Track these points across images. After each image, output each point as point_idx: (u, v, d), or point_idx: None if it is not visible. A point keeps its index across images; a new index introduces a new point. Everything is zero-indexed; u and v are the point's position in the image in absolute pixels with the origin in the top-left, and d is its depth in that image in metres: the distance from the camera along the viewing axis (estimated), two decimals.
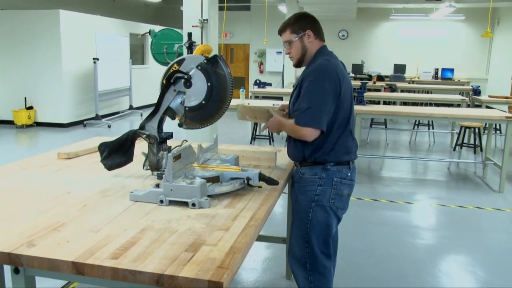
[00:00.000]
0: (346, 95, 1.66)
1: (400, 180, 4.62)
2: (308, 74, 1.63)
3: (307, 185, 1.68)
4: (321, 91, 1.58)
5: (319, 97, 1.58)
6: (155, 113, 1.63)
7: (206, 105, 1.59)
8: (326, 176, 1.67)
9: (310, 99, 1.58)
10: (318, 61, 1.67)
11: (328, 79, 1.59)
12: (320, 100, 1.58)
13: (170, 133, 1.71)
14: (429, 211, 3.66)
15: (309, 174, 1.69)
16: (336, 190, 1.67)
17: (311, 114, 1.57)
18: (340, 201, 1.69)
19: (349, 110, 1.69)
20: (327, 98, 1.59)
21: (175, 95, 1.61)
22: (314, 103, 1.58)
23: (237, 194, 1.55)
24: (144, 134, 1.64)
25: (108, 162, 1.70)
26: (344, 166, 1.69)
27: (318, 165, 1.68)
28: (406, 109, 4.99)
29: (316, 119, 1.58)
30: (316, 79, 1.59)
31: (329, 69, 1.62)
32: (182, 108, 1.62)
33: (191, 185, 1.41)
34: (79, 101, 8.02)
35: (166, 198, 1.42)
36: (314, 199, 1.67)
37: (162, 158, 1.63)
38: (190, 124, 1.65)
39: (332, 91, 1.59)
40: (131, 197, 1.47)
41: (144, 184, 1.67)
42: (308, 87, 1.60)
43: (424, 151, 6.18)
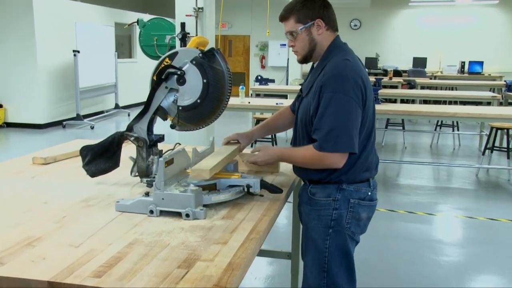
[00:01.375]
0: (370, 103, 1.56)
1: (420, 188, 4.63)
2: (328, 81, 1.48)
3: (320, 209, 1.60)
4: (347, 105, 1.45)
5: (345, 112, 1.45)
6: (144, 113, 1.64)
7: (202, 104, 1.60)
8: (341, 197, 1.58)
9: (335, 117, 1.45)
10: (335, 59, 1.53)
11: (352, 87, 1.46)
12: (347, 117, 1.46)
13: (162, 135, 1.72)
14: (454, 224, 3.65)
15: (322, 195, 1.60)
16: (352, 214, 1.58)
17: (337, 136, 1.45)
18: (357, 225, 1.60)
19: (372, 120, 1.58)
20: (356, 112, 1.47)
21: (166, 93, 1.62)
22: (341, 121, 1.45)
23: (236, 203, 1.56)
24: (132, 136, 1.66)
25: (91, 168, 1.71)
26: (363, 184, 1.60)
27: (332, 184, 1.59)
28: (427, 108, 5.00)
29: (345, 141, 1.46)
30: (339, 90, 1.45)
31: (352, 73, 1.48)
32: (175, 108, 1.63)
33: (184, 193, 1.42)
34: (57, 99, 8.04)
35: (157, 208, 1.43)
36: (330, 224, 1.58)
37: (152, 164, 1.64)
38: (183, 125, 1.66)
39: (358, 101, 1.48)
40: (117, 207, 1.48)
41: (132, 192, 1.68)
42: (330, 101, 1.46)
43: (447, 155, 6.19)
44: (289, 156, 1.63)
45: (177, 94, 1.62)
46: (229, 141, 1.88)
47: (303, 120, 1.60)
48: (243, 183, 1.56)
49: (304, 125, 1.59)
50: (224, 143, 1.87)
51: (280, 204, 1.58)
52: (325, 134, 1.47)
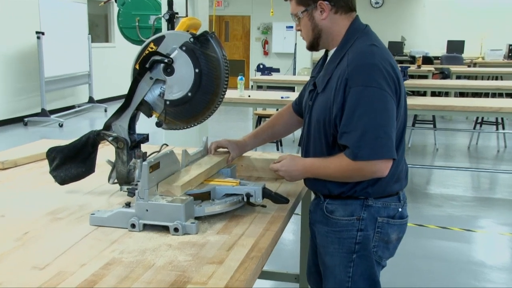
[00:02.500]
0: (403, 98, 1.54)
1: (455, 199, 4.63)
2: (354, 73, 1.46)
3: (341, 231, 1.59)
4: (382, 100, 1.44)
5: (380, 109, 1.44)
6: (125, 108, 1.66)
7: (193, 98, 1.62)
8: (367, 216, 1.56)
9: (369, 116, 1.43)
10: (358, 46, 1.51)
11: (385, 79, 1.44)
12: (383, 114, 1.44)
13: (146, 135, 1.74)
14: (499, 243, 3.65)
15: (343, 213, 1.58)
16: (380, 235, 1.58)
17: (374, 139, 1.43)
18: (385, 249, 1.60)
19: (404, 119, 1.57)
20: (392, 108, 1.46)
21: (151, 85, 1.64)
22: (377, 120, 1.43)
23: (233, 215, 1.57)
24: (110, 136, 1.67)
25: (60, 173, 1.73)
26: (392, 199, 1.59)
27: (355, 200, 1.57)
28: (464, 102, 5.01)
29: (385, 144, 1.44)
30: (370, 82, 1.43)
31: (382, 62, 1.46)
32: (162, 102, 1.64)
33: (172, 203, 1.43)
34: (16, 91, 8.05)
35: (140, 222, 1.44)
36: (354, 249, 1.57)
37: (134, 168, 1.66)
38: (172, 122, 1.67)
39: (393, 96, 1.47)
40: (92, 220, 1.49)
41: (110, 202, 1.70)
42: (360, 97, 1.44)
43: (490, 159, 6.19)
44: (320, 168, 1.57)
45: (164, 86, 1.64)
46: (218, 147, 1.90)
47: (320, 121, 1.57)
48: (242, 192, 1.57)
49: (322, 127, 1.57)
50: (213, 148, 1.89)
51: (286, 216, 1.60)
52: (358, 139, 1.44)
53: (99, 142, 1.73)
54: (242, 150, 1.93)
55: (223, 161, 1.83)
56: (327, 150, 1.58)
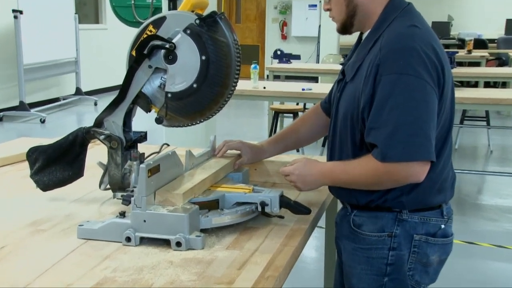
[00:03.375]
0: (448, 89, 1.52)
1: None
2: (387, 58, 1.45)
3: (370, 249, 1.59)
4: (420, 91, 1.43)
5: (418, 101, 1.42)
6: (119, 101, 1.68)
7: (199, 90, 1.63)
8: (401, 232, 1.55)
9: (402, 109, 1.42)
10: (396, 27, 1.51)
11: (425, 66, 1.43)
12: (421, 108, 1.42)
13: (143, 133, 1.76)
14: None
15: (371, 228, 1.58)
16: (417, 256, 1.56)
17: (409, 136, 1.41)
18: (424, 273, 1.58)
19: (450, 115, 1.56)
20: (432, 101, 1.44)
21: (150, 75, 1.66)
22: (413, 114, 1.42)
23: (246, 228, 1.59)
24: (102, 134, 1.70)
25: (42, 178, 1.76)
26: (433, 213, 1.57)
27: (386, 212, 1.57)
28: None
29: (422, 143, 1.41)
30: (406, 69, 1.42)
31: (423, 45, 1.45)
32: (162, 95, 1.67)
33: (175, 213, 1.45)
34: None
35: (136, 234, 1.46)
36: (385, 271, 1.57)
37: (129, 172, 1.68)
38: (174, 119, 1.69)
39: (434, 86, 1.45)
40: (80, 232, 1.52)
41: (101, 212, 1.73)
42: (394, 86, 1.43)
43: None
44: (341, 173, 1.57)
45: (165, 76, 1.66)
46: (229, 149, 1.92)
47: (347, 116, 1.58)
48: (255, 200, 1.59)
49: (350, 123, 1.57)
50: (223, 151, 1.91)
51: (307, 229, 1.61)
52: (388, 136, 1.42)
53: (89, 141, 1.75)
54: (257, 156, 1.94)
55: (230, 164, 1.86)
56: (353, 151, 1.58)
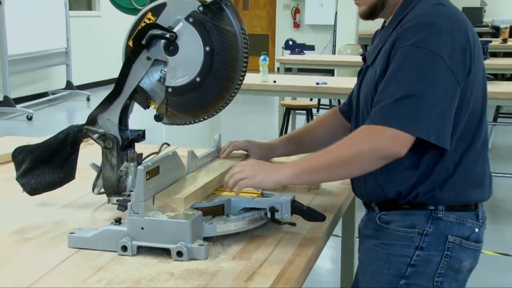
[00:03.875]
0: (479, 74, 1.54)
1: None
2: (406, 32, 1.48)
3: (394, 245, 1.59)
4: (433, 68, 1.45)
5: (430, 76, 1.44)
6: (114, 97, 1.69)
7: (203, 84, 1.64)
8: (434, 231, 1.56)
9: (409, 83, 1.45)
10: (420, 6, 1.54)
11: (446, 44, 1.45)
12: (429, 85, 1.44)
13: (141, 131, 1.77)
14: None
15: (400, 224, 1.59)
16: (450, 260, 1.56)
17: (411, 106, 1.43)
18: (454, 281, 1.58)
19: (481, 102, 1.58)
20: (446, 80, 1.45)
21: (149, 68, 1.67)
22: (419, 89, 1.44)
23: (254, 236, 1.60)
24: (96, 132, 1.71)
25: (30, 181, 1.77)
26: (469, 214, 1.59)
27: (419, 210, 1.58)
28: None
29: (424, 119, 1.43)
30: (423, 43, 1.45)
31: (446, 23, 1.48)
32: (162, 90, 1.68)
33: (175, 220, 1.46)
34: None
35: (133, 243, 1.47)
36: (404, 272, 1.57)
37: (126, 174, 1.69)
38: (175, 116, 1.70)
39: (455, 68, 1.46)
40: (71, 241, 1.53)
41: (95, 218, 1.74)
42: (405, 59, 1.46)
43: None
44: (314, 155, 1.58)
45: (165, 69, 1.67)
46: (234, 149, 1.93)
47: (368, 101, 1.60)
48: (265, 205, 1.59)
49: (371, 109, 1.56)
50: (228, 151, 1.92)
51: (321, 238, 1.62)
52: (389, 105, 1.45)
53: (81, 141, 1.76)
54: (267, 155, 1.95)
55: None
56: None
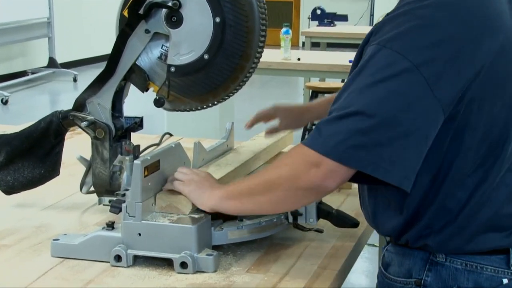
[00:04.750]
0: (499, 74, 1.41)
1: None
2: (383, 23, 1.42)
3: None
4: (399, 79, 1.34)
5: (387, 92, 1.34)
6: (107, 77, 1.70)
7: (212, 62, 1.64)
8: (434, 280, 1.49)
9: (359, 94, 1.37)
10: None
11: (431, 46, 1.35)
12: (388, 102, 1.34)
13: (138, 118, 1.78)
14: None
15: (397, 270, 1.56)
16: None
17: (353, 126, 1.35)
18: None
19: (504, 120, 1.44)
20: (415, 98, 1.34)
21: (148, 42, 1.68)
22: (372, 106, 1.35)
23: (273, 244, 1.60)
24: (84, 120, 1.71)
25: (6, 177, 1.79)
26: (492, 259, 1.47)
27: (416, 250, 1.51)
28: None
29: (360, 147, 1.34)
30: (389, 44, 1.36)
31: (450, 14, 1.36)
32: (164, 69, 1.68)
33: (179, 224, 1.47)
34: None
35: (129, 252, 1.48)
36: None
37: (120, 170, 1.70)
38: (179, 100, 1.71)
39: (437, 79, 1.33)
40: (55, 249, 1.54)
41: (83, 222, 1.75)
42: (366, 62, 1.40)
43: None
44: (239, 184, 1.59)
45: (167, 44, 1.67)
46: (259, 119, 1.95)
47: None
48: None
49: None
50: (253, 121, 1.94)
51: (354, 248, 1.62)
52: (334, 118, 1.38)
53: (67, 130, 1.77)
54: (299, 118, 1.97)
55: (258, 158, 1.87)
56: None
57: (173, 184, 1.56)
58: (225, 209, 1.53)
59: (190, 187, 1.54)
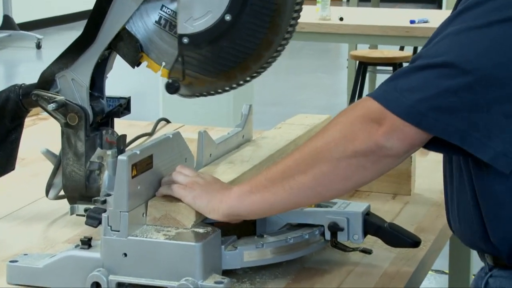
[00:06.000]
0: None
1: None
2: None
3: None
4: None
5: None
6: (85, 45, 1.72)
7: (237, 23, 1.66)
8: None
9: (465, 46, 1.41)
10: None
11: None
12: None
13: (124, 99, 1.80)
14: None
15: None
16: None
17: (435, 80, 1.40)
18: None
19: None
20: None
21: (142, 1, 1.69)
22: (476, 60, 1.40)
23: (304, 269, 1.61)
24: (53, 100, 1.73)
25: None
26: None
27: None
28: None
29: (429, 106, 1.39)
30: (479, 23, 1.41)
31: None
32: (162, 37, 1.71)
33: (178, 241, 1.48)
34: None
35: (111, 278, 1.49)
36: None
37: (100, 169, 1.73)
38: (198, 82, 1.73)
39: None
40: (13, 274, 1.55)
41: (49, 238, 1.77)
42: (468, 2, 1.45)
43: None
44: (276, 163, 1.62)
45: (170, 6, 1.70)
46: None
47: None
48: (321, 220, 1.62)
49: None
50: None
51: (414, 274, 1.62)
52: (415, 68, 1.44)
53: (28, 111, 1.81)
54: None
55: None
56: None
57: (170, 188, 1.57)
58: (249, 209, 1.54)
59: (194, 192, 1.55)
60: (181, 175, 1.59)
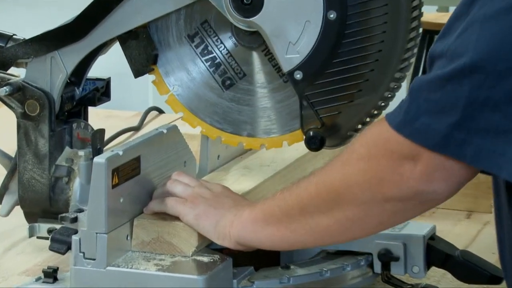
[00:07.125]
0: None
1: None
2: None
3: None
4: None
5: None
6: (71, 38, 1.73)
7: (348, 19, 1.68)
8: None
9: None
10: None
11: None
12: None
13: (103, 80, 1.80)
14: None
15: None
16: None
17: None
18: None
19: None
20: None
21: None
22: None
23: None
24: (6, 83, 1.72)
25: None
26: None
27: None
28: None
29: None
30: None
31: None
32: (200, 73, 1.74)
33: (174, 273, 1.47)
34: None
35: None
36: None
37: (70, 176, 1.72)
38: (333, 118, 1.72)
39: None
40: None
41: (3, 268, 1.77)
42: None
43: None
44: (289, 191, 1.64)
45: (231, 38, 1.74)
46: None
47: None
48: (369, 246, 1.62)
49: None
50: None
51: None
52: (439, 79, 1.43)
53: None
54: None
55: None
56: None
57: (164, 202, 1.58)
58: (263, 242, 1.57)
59: (197, 209, 1.57)
60: (179, 185, 1.60)
